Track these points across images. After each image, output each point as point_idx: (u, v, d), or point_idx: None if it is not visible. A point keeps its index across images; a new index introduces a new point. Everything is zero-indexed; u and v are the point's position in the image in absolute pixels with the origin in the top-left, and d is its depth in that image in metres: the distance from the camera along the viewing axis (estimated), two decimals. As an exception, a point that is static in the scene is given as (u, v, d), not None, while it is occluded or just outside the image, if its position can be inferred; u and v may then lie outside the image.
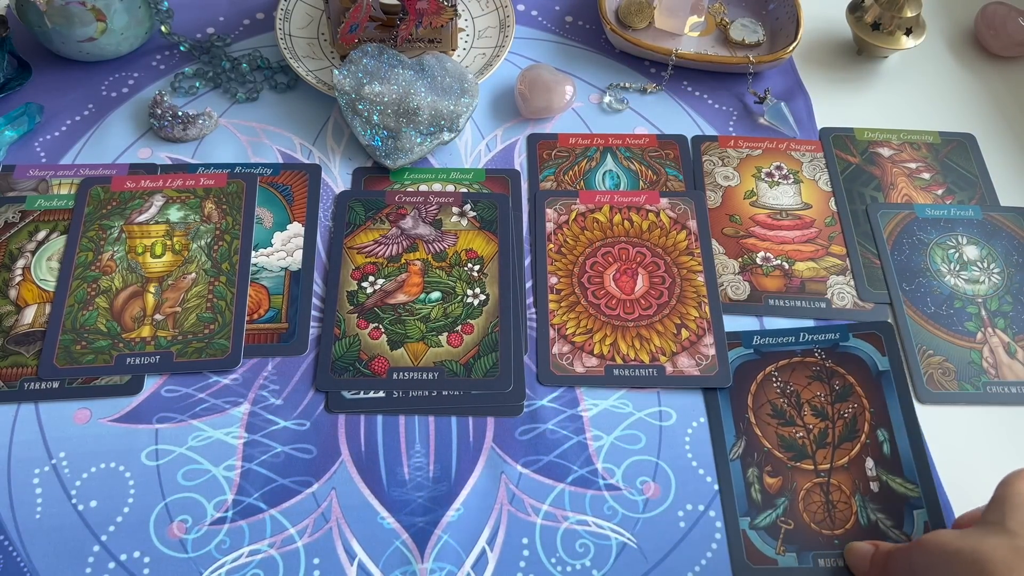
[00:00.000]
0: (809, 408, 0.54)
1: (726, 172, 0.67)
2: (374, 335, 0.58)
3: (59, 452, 0.53)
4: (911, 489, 0.51)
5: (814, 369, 0.56)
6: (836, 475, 0.52)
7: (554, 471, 0.53)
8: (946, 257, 0.63)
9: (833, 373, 0.55)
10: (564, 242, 0.63)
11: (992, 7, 0.78)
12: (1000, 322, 0.60)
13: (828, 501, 0.51)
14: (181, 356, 0.56)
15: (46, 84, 0.71)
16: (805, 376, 0.56)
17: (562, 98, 0.69)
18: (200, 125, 0.68)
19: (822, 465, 0.52)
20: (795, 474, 0.52)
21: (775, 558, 0.50)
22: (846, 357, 0.56)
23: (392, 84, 0.65)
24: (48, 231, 0.62)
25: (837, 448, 0.53)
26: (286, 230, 0.63)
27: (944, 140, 0.71)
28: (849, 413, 0.54)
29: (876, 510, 0.51)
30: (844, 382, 0.55)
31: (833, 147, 0.70)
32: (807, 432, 0.53)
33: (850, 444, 0.53)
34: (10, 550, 0.49)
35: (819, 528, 0.51)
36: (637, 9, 0.76)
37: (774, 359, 0.56)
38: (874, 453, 0.53)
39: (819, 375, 0.55)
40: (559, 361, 0.58)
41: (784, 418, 0.54)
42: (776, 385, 0.55)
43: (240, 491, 0.52)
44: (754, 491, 0.52)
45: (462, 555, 0.50)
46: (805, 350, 0.56)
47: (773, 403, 0.55)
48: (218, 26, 0.76)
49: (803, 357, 0.56)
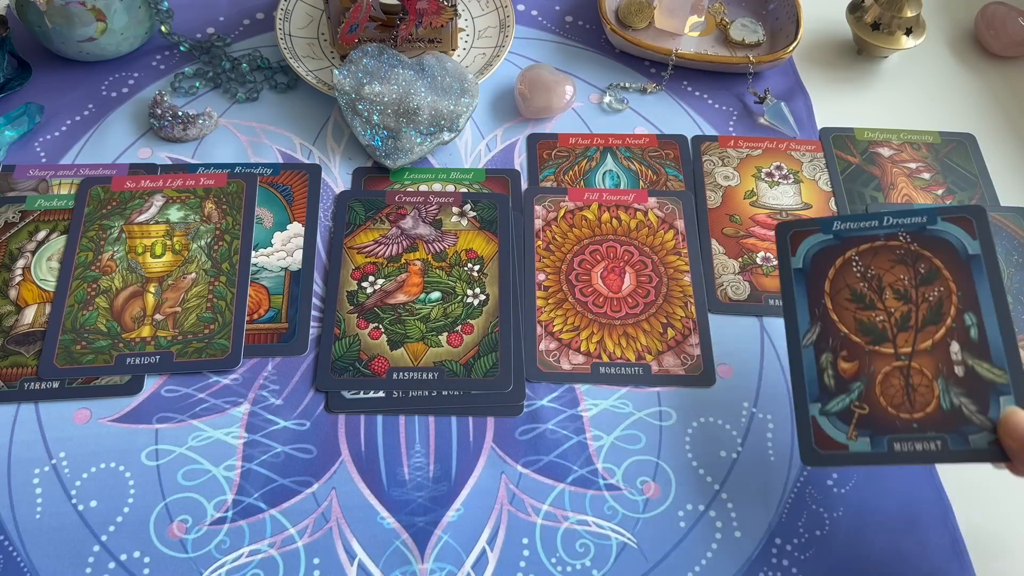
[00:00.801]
0: (891, 292, 0.51)
1: (726, 172, 0.67)
2: (374, 335, 0.58)
3: (59, 452, 0.53)
4: (999, 375, 0.48)
5: (898, 252, 0.52)
6: (918, 359, 0.49)
7: (554, 471, 0.53)
8: None
9: (919, 256, 0.52)
10: (552, 239, 0.63)
11: (992, 7, 0.78)
12: None
13: (908, 385, 0.49)
14: (181, 356, 0.56)
15: (46, 84, 0.71)
16: (888, 260, 0.52)
17: (562, 98, 0.69)
18: (200, 125, 0.68)
19: (903, 349, 0.50)
20: (873, 358, 0.50)
21: (846, 443, 0.48)
22: (933, 240, 0.52)
23: (392, 84, 0.65)
24: (48, 231, 0.62)
25: (920, 331, 0.50)
26: (286, 230, 0.63)
27: (944, 140, 0.71)
28: (935, 296, 0.51)
29: (960, 394, 0.48)
30: (930, 265, 0.51)
31: (833, 147, 0.70)
32: (888, 316, 0.51)
33: (934, 328, 0.50)
34: (10, 550, 0.49)
35: (897, 412, 0.48)
36: (637, 9, 0.76)
37: (855, 243, 0.53)
38: (960, 337, 0.49)
39: (903, 258, 0.52)
40: (546, 358, 0.58)
41: (864, 302, 0.51)
42: (856, 269, 0.52)
43: (240, 491, 0.52)
44: (827, 377, 0.50)
45: (462, 555, 0.50)
46: (889, 234, 0.53)
47: (852, 287, 0.52)
48: (218, 26, 0.76)
49: (887, 241, 0.53)
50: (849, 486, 0.54)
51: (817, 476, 0.54)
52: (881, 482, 0.54)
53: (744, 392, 0.57)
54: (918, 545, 0.52)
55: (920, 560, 0.51)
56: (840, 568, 0.51)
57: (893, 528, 0.52)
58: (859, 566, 0.51)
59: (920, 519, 0.53)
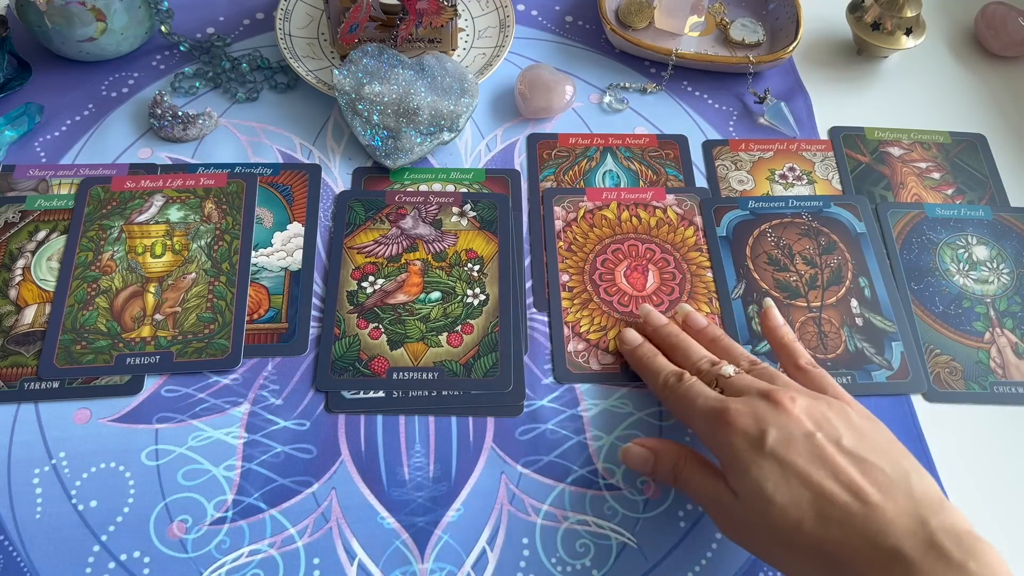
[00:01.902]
0: (800, 258, 0.62)
1: (740, 176, 0.68)
2: (374, 335, 0.58)
3: (59, 452, 0.53)
4: (889, 325, 0.60)
5: (802, 228, 0.64)
6: (826, 311, 0.60)
7: (554, 471, 0.53)
8: (955, 257, 0.63)
9: (819, 232, 0.64)
10: (574, 240, 0.63)
11: (992, 7, 0.78)
12: (1008, 322, 0.60)
13: (821, 331, 0.59)
14: (181, 356, 0.56)
15: (46, 84, 0.71)
16: (795, 232, 0.64)
17: (562, 98, 0.69)
18: (200, 125, 0.68)
19: (814, 303, 0.60)
20: (791, 310, 0.60)
21: None
22: (829, 220, 0.65)
23: (392, 84, 0.65)
24: (48, 231, 0.62)
25: (826, 290, 0.61)
26: (286, 230, 0.63)
27: (955, 140, 0.71)
28: (835, 263, 0.62)
29: (862, 340, 0.59)
30: (829, 239, 0.63)
31: (843, 146, 0.70)
32: (799, 277, 0.61)
33: (837, 288, 0.61)
34: (10, 550, 0.49)
35: (813, 353, 0.58)
36: (637, 9, 0.76)
37: (767, 219, 0.64)
38: (857, 296, 0.61)
39: (807, 232, 0.64)
40: (575, 359, 0.58)
41: (779, 265, 0.62)
42: (770, 239, 0.63)
43: (240, 491, 0.52)
44: (755, 324, 0.59)
45: (462, 555, 0.50)
46: (794, 213, 0.65)
47: (768, 253, 0.63)
48: (218, 26, 0.76)
49: (792, 218, 0.65)
50: (849, 486, 0.54)
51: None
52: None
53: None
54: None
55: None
56: (840, 568, 0.51)
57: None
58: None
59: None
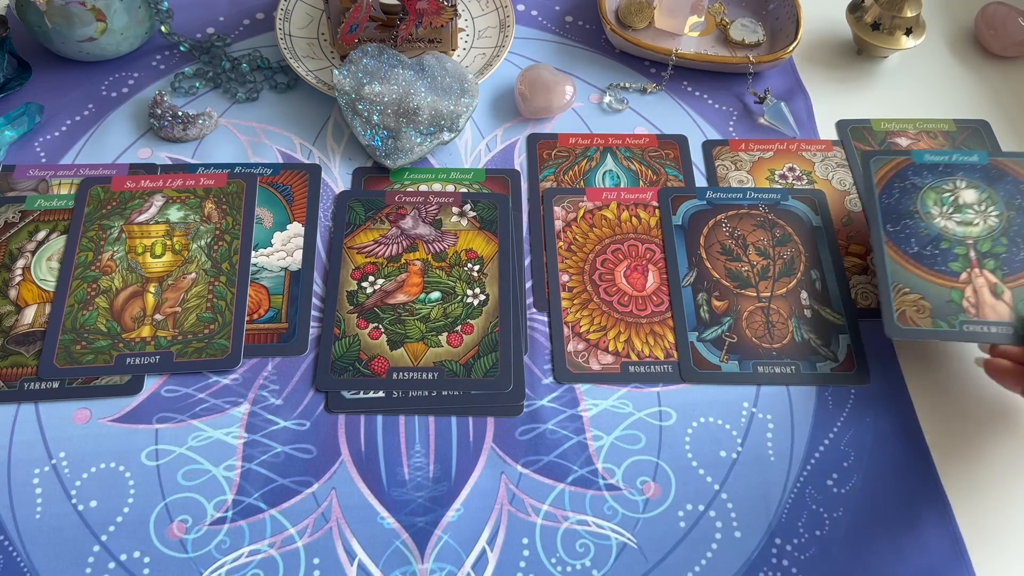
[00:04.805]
0: (754, 249, 0.63)
1: (740, 176, 0.67)
2: (374, 335, 0.58)
3: (59, 452, 0.53)
4: (837, 318, 0.60)
5: (758, 219, 0.64)
6: (776, 302, 0.61)
7: (554, 471, 0.53)
8: (939, 200, 0.62)
9: (775, 224, 0.64)
10: (574, 240, 0.63)
11: (992, 7, 0.78)
12: (990, 263, 0.59)
13: (768, 321, 0.60)
14: (181, 356, 0.56)
15: (46, 84, 0.71)
16: (751, 224, 0.64)
17: (562, 98, 0.69)
18: (200, 125, 0.68)
19: (764, 293, 0.61)
20: (740, 299, 0.61)
21: (719, 364, 0.58)
22: (786, 213, 0.65)
23: (392, 84, 0.65)
24: (48, 231, 0.62)
25: (777, 281, 0.62)
26: (286, 230, 0.63)
27: (960, 128, 0.71)
28: (788, 255, 0.63)
29: (808, 331, 0.59)
30: (784, 231, 0.64)
31: (851, 139, 0.70)
32: (752, 267, 0.62)
33: (788, 279, 0.62)
34: (10, 550, 0.49)
35: (759, 342, 0.59)
36: (637, 9, 0.76)
37: (724, 209, 0.65)
38: (808, 288, 0.61)
39: (763, 224, 0.64)
40: (575, 359, 0.58)
41: (732, 255, 0.62)
42: (725, 230, 0.64)
43: (240, 491, 0.52)
44: (703, 311, 0.60)
45: (462, 555, 0.50)
46: (751, 204, 0.65)
47: (722, 243, 0.63)
48: (218, 26, 0.76)
49: (749, 209, 0.65)
50: (849, 486, 0.54)
51: (817, 476, 0.54)
52: (881, 482, 0.54)
53: (744, 392, 0.57)
54: (918, 545, 0.52)
55: (920, 560, 0.51)
56: (840, 568, 0.51)
57: (893, 528, 0.52)
58: (859, 566, 0.51)
59: (920, 519, 0.53)
